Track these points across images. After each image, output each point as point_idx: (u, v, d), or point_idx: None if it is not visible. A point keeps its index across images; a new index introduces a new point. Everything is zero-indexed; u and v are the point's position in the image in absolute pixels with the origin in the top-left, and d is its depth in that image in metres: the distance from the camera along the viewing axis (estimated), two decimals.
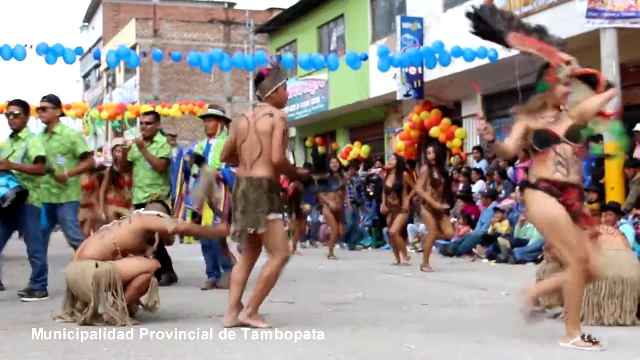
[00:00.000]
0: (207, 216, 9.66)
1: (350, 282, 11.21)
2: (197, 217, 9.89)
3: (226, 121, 10.40)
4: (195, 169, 9.74)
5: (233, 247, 10.05)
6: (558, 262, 7.50)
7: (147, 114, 11.22)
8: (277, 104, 7.06)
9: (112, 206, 13.56)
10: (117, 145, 14.53)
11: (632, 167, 14.16)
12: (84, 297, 7.09)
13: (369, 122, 27.25)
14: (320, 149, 30.32)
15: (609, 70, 14.41)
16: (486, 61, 18.79)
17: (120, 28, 51.78)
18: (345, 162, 25.72)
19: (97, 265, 7.10)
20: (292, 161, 31.51)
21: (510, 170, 18.24)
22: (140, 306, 7.39)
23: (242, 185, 6.91)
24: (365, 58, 19.42)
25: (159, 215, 7.69)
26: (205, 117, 10.41)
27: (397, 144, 24.19)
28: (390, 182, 14.76)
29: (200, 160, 9.37)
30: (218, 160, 9.52)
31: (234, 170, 9.55)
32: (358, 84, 23.23)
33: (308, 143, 31.73)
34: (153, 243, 7.74)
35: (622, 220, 12.82)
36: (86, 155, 9.75)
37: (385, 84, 23.00)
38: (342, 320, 7.38)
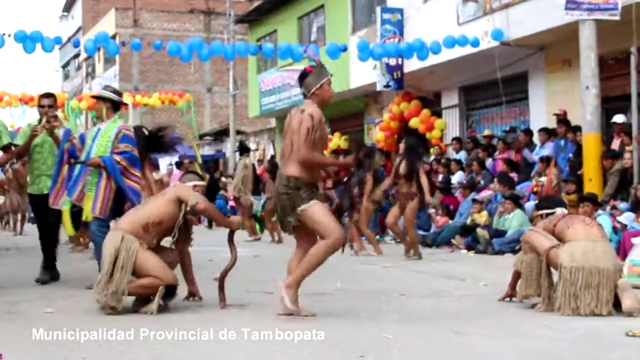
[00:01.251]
0: (87, 209, 8.99)
1: (330, 272, 11.14)
2: (75, 207, 9.17)
3: (117, 104, 9.42)
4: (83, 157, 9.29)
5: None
6: (535, 252, 7.57)
7: (45, 96, 10.13)
8: (321, 100, 7.07)
9: None
10: None
11: (610, 158, 14.22)
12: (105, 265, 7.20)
13: (348, 112, 27.22)
14: None
15: (588, 61, 14.49)
16: (465, 52, 18.85)
17: (99, 18, 51.61)
18: (326, 153, 25.69)
19: (122, 239, 7.21)
20: (271, 152, 31.29)
21: (489, 161, 18.30)
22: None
23: (277, 183, 7.08)
24: (345, 49, 19.43)
25: (195, 185, 7.85)
26: (95, 99, 9.60)
27: (376, 135, 24.20)
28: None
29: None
30: (102, 147, 9.03)
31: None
32: (338, 74, 22.91)
33: None
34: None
35: (600, 211, 12.89)
36: (5, 148, 9.38)
37: (365, 74, 23.04)
38: (322, 311, 7.39)
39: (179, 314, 7.34)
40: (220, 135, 40.09)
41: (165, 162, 24.31)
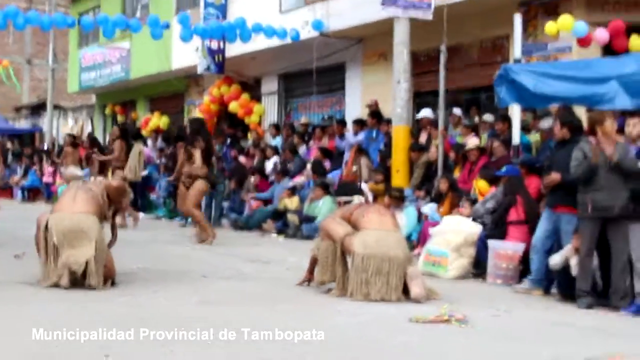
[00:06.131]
0: None
1: (135, 252, 11.17)
2: None
3: None
4: None
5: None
6: (331, 239, 7.83)
7: None
8: None
9: None
10: None
11: (417, 151, 14.69)
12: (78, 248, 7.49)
13: (169, 93, 27.10)
14: (120, 118, 29.93)
15: (401, 57, 14.91)
16: (286, 40, 19.07)
17: None
18: (145, 132, 25.52)
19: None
20: (89, 128, 30.55)
21: (302, 148, 18.54)
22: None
23: None
24: (167, 26, 19.34)
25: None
26: None
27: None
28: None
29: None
30: None
31: None
32: (159, 54, 23.09)
33: (107, 111, 31.26)
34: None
35: (406, 203, 13.32)
36: None
37: (187, 56, 22.94)
38: (119, 289, 7.42)
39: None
40: (38, 109, 39.00)
41: None
